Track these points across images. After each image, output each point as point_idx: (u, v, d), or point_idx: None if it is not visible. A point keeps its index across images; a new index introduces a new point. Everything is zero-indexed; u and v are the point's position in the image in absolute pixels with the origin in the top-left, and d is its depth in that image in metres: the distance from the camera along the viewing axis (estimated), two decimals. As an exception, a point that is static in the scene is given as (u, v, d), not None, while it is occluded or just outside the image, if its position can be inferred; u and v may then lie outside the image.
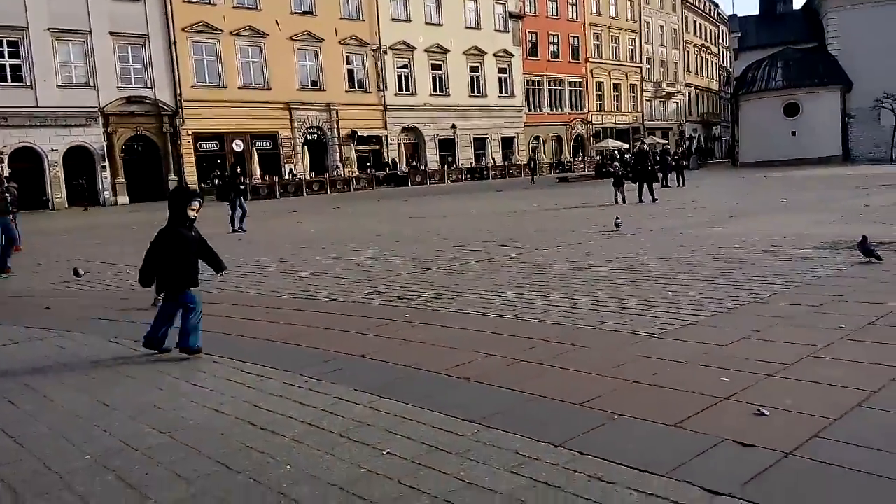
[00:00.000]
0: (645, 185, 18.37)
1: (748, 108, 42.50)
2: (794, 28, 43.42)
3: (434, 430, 3.21)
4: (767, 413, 3.14)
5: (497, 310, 5.84)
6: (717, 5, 79.03)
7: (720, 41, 77.60)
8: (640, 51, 61.72)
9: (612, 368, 3.98)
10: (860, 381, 3.48)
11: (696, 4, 72.17)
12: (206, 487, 2.79)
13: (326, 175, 38.82)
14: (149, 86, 34.08)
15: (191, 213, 4.86)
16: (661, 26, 64.73)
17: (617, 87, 60.08)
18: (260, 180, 35.38)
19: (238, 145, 37.24)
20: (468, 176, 44.99)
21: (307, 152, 38.73)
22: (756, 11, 47.64)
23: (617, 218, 12.21)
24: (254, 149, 36.63)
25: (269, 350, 4.92)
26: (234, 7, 36.90)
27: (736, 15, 51.53)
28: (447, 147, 47.44)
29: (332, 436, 3.24)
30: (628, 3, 60.37)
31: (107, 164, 32.94)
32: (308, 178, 37.35)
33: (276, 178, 36.06)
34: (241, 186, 17.67)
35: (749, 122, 42.56)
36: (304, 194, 35.06)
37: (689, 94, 70.83)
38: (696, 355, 4.13)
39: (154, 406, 3.86)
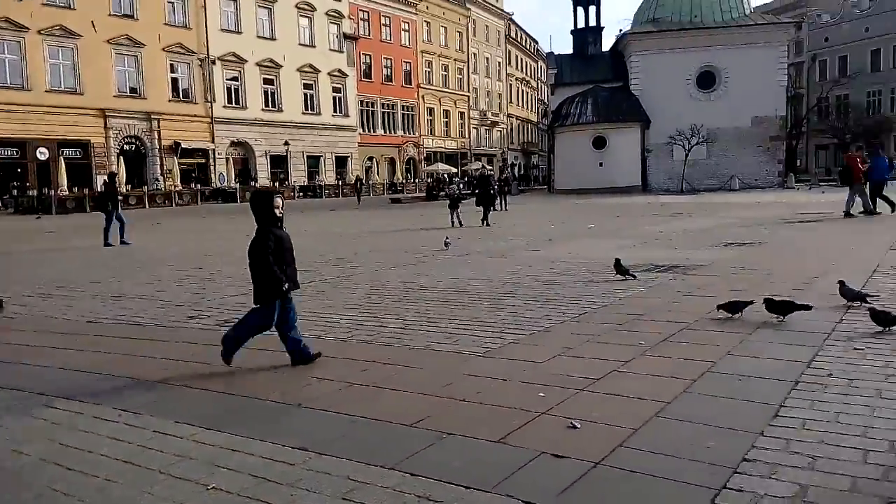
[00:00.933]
0: (487, 209, 18.98)
1: (562, 139, 45.90)
2: (603, 68, 47.59)
3: (263, 460, 3.14)
4: (579, 426, 3.42)
5: (330, 332, 5.81)
6: (536, 42, 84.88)
7: (539, 76, 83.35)
8: (468, 80, 64.62)
9: (441, 388, 4.12)
10: (657, 393, 3.88)
11: (518, 41, 77.07)
12: (2, 540, 2.51)
13: (145, 188, 36.34)
14: (-68, 84, 30.06)
15: (277, 213, 4.70)
16: (487, 59, 68.26)
17: (447, 113, 62.34)
18: (67, 192, 32.32)
19: (42, 153, 33.83)
20: (301, 194, 44.24)
21: (123, 163, 36.03)
22: (571, 50, 51.48)
23: (446, 238, 12.75)
24: (61, 158, 33.41)
25: (77, 382, 4.52)
26: (43, 4, 33.66)
27: (553, 52, 55.59)
28: (279, 164, 46.37)
29: (151, 473, 3.05)
30: (457, 35, 63.05)
31: None
32: (124, 191, 34.70)
33: (87, 191, 33.14)
34: (119, 197, 16.44)
35: (563, 152, 45.95)
36: (119, 209, 32.48)
37: (512, 123, 75.20)
38: (517, 372, 4.39)
39: (-66, 451, 3.40)
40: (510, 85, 74.40)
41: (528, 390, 4.03)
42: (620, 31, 52.43)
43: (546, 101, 72.51)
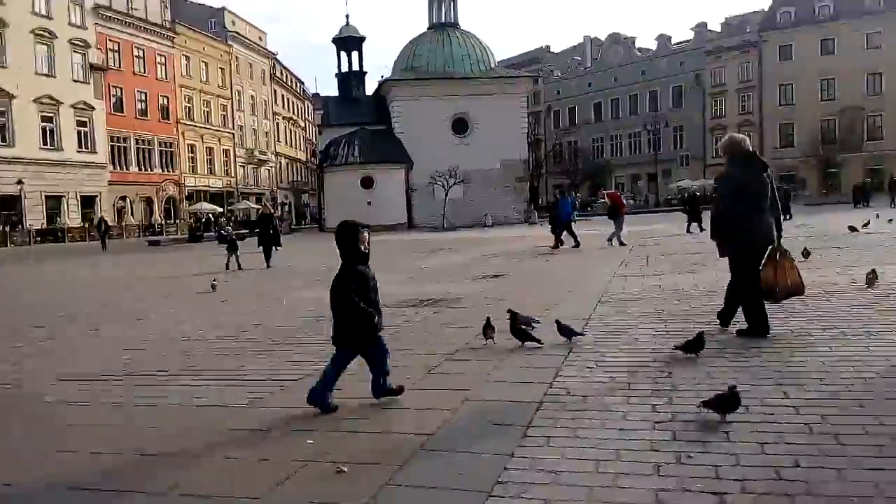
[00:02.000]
0: (269, 249, 18.00)
1: (331, 178, 46.41)
2: (367, 111, 49.16)
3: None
4: (346, 469, 3.45)
5: (75, 396, 5.22)
6: (302, 83, 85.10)
7: (306, 116, 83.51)
8: (233, 118, 62.60)
9: (202, 446, 3.91)
10: (422, 426, 4.04)
11: (284, 80, 76.64)
12: None
13: None
14: None
15: (363, 248, 4.44)
16: (252, 96, 66.84)
17: (210, 150, 59.62)
18: None
19: None
20: (39, 239, 39.18)
21: None
22: (336, 93, 52.45)
23: (213, 280, 12.43)
24: None
25: None
26: None
27: (319, 94, 56.41)
28: (12, 205, 40.70)
29: None
30: (220, 71, 60.93)
31: None
32: None
33: None
34: None
35: (333, 191, 46.44)
36: None
37: (281, 162, 74.17)
38: (284, 421, 4.31)
39: None
40: (277, 124, 73.45)
41: (296, 438, 4.00)
42: (382, 76, 54.66)
43: (314, 140, 72.73)
